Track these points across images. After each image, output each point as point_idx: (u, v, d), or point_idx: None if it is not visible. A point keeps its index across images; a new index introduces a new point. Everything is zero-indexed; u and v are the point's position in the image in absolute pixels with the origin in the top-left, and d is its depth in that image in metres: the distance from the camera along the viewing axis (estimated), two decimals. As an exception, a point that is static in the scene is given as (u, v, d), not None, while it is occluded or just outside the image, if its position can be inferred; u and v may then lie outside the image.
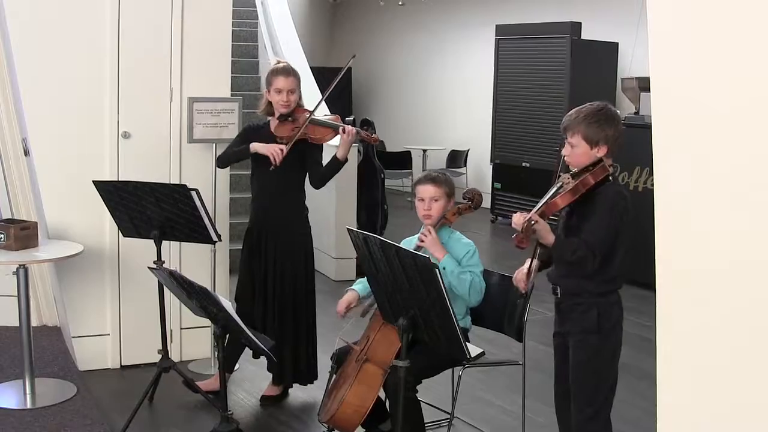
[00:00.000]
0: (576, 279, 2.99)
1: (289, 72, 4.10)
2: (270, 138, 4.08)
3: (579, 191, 2.89)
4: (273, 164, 3.99)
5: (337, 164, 4.12)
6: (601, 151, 2.94)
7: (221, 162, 4.29)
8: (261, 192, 4.22)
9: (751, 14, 1.56)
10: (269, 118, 4.20)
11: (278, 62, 4.23)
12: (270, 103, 4.15)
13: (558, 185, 2.96)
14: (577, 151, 2.96)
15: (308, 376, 4.26)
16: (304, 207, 4.24)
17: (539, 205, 2.92)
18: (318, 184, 4.20)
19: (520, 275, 3.05)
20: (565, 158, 3.02)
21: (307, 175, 4.20)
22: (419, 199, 3.54)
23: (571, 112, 3.02)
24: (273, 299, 4.15)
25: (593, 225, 2.91)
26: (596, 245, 2.88)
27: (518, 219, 2.90)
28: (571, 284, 3.02)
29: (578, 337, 3.01)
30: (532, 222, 2.84)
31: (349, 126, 4.13)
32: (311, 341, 4.24)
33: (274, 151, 3.99)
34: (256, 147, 4.05)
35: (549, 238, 2.91)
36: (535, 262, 2.97)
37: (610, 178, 2.96)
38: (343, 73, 4.27)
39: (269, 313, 4.15)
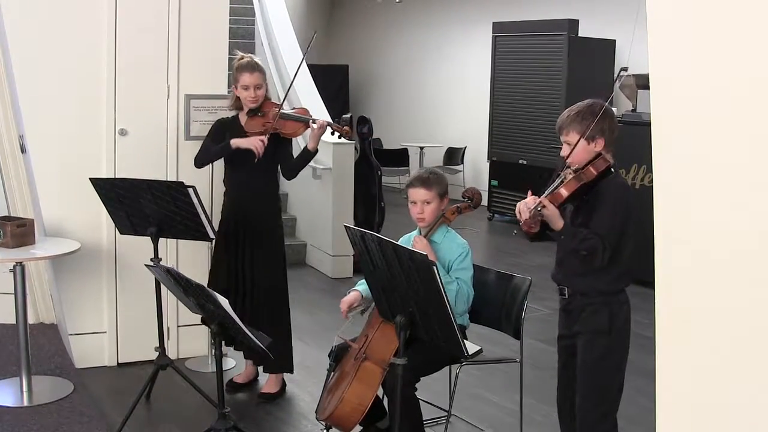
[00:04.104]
0: (586, 278, 2.94)
1: (254, 68, 4.10)
2: (241, 133, 4.11)
3: (582, 180, 2.87)
4: (257, 156, 4.02)
5: (307, 155, 4.18)
6: (598, 146, 2.93)
7: (199, 162, 4.26)
8: (236, 186, 4.23)
9: (749, 10, 1.56)
10: (237, 112, 4.22)
11: (241, 57, 4.19)
12: (238, 98, 4.17)
13: (560, 179, 2.93)
14: (575, 149, 2.93)
15: (280, 365, 4.23)
16: (277, 198, 4.30)
17: (545, 194, 2.89)
18: (289, 175, 4.27)
19: (524, 206, 2.90)
20: (565, 159, 2.97)
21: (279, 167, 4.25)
22: (411, 201, 3.50)
23: (562, 113, 3.02)
24: (246, 289, 4.16)
25: (600, 217, 2.88)
26: (605, 237, 2.84)
27: (524, 206, 2.86)
28: (581, 283, 2.97)
29: (588, 337, 2.96)
30: (539, 208, 2.82)
31: (320, 118, 4.18)
32: (285, 332, 4.22)
33: (256, 143, 4.03)
34: (237, 142, 4.08)
35: (558, 223, 2.87)
36: (547, 202, 2.84)
37: (612, 169, 2.92)
38: (306, 52, 4.29)
39: (247, 302, 4.15)
